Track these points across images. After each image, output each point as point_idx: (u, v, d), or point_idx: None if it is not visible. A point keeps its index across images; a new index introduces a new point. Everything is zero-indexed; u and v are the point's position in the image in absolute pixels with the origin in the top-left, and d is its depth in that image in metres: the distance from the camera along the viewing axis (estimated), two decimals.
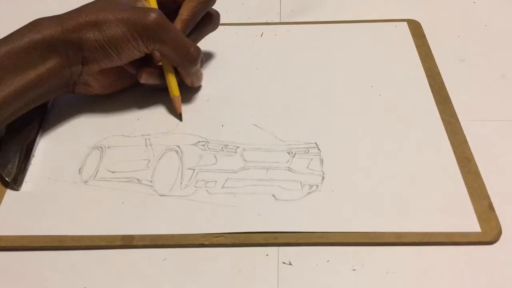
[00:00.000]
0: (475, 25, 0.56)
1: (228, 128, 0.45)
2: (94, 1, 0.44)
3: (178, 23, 0.45)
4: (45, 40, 0.41)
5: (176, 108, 0.46)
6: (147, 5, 0.45)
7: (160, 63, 0.46)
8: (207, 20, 0.48)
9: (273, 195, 0.40)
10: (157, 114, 0.47)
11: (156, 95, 0.48)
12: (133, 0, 0.45)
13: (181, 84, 0.47)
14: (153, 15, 0.42)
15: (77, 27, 0.41)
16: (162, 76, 0.46)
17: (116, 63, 0.44)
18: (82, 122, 0.46)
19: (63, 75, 0.43)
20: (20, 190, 0.41)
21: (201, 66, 0.47)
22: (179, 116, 0.46)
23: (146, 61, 0.46)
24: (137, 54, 0.43)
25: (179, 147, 0.43)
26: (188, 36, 0.46)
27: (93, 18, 0.42)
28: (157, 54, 0.47)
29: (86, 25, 0.42)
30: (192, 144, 0.43)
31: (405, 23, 0.56)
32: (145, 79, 0.46)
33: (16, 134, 0.43)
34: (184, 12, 0.45)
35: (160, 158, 0.42)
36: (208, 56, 0.52)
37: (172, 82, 0.46)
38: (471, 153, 0.42)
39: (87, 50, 0.42)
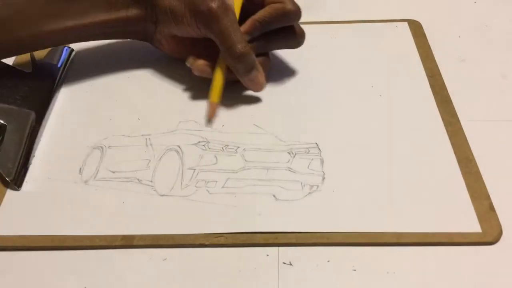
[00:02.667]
0: (475, 25, 0.55)
1: (228, 128, 0.45)
2: None
3: (248, 21, 0.45)
4: None
5: (208, 114, 0.46)
6: None
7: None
8: (288, 35, 0.47)
9: (274, 195, 0.40)
10: (158, 114, 0.46)
11: (156, 95, 0.48)
12: None
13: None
14: (211, 4, 0.43)
15: None
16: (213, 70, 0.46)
17: (179, 33, 0.46)
18: (83, 122, 0.46)
19: (139, 26, 0.47)
20: (21, 190, 0.41)
21: (262, 72, 0.46)
22: (208, 120, 0.45)
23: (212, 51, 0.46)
24: (192, 33, 0.45)
25: (179, 147, 0.43)
26: (257, 39, 0.46)
27: None
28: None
29: None
30: (192, 144, 0.43)
31: (406, 23, 0.56)
32: (198, 71, 0.46)
33: (17, 134, 0.43)
34: (259, 14, 0.45)
35: (160, 158, 0.42)
36: None
37: (216, 86, 0.45)
38: (471, 153, 0.42)
39: (159, 12, 0.45)
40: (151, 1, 0.45)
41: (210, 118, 0.45)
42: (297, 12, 0.46)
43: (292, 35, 0.47)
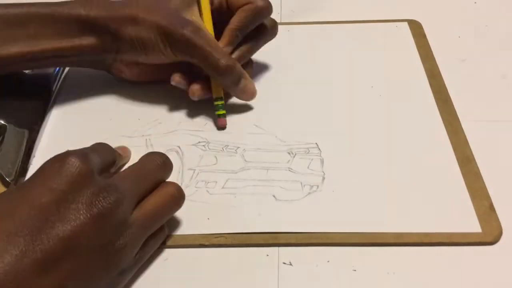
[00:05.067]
0: (475, 25, 0.55)
1: (228, 129, 0.45)
2: None
3: (226, 32, 0.45)
4: (88, 19, 0.43)
5: (218, 125, 0.45)
6: (196, 15, 0.44)
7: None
8: (263, 31, 0.47)
9: (274, 196, 0.40)
10: (158, 114, 0.46)
11: (157, 95, 0.48)
12: (183, 6, 0.44)
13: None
14: (185, 30, 0.42)
15: (120, 17, 0.43)
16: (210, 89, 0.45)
17: (144, 60, 0.45)
18: (83, 122, 0.46)
19: (96, 55, 0.45)
20: None
21: (251, 80, 0.46)
22: (220, 128, 0.45)
23: (192, 69, 0.45)
24: (164, 60, 0.44)
25: (179, 147, 0.43)
26: (240, 45, 0.45)
27: (134, 14, 0.43)
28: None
29: (127, 18, 0.43)
30: (192, 145, 0.43)
31: (406, 23, 0.56)
32: (197, 95, 0.45)
33: (17, 134, 0.43)
34: (234, 22, 0.45)
35: None
36: None
37: (220, 102, 0.45)
38: (471, 153, 0.42)
39: (121, 42, 0.44)
40: (112, 31, 0.43)
41: (219, 129, 0.45)
42: (269, 7, 0.45)
43: (266, 30, 0.47)
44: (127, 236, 0.32)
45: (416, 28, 0.55)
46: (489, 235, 0.37)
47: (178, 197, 0.36)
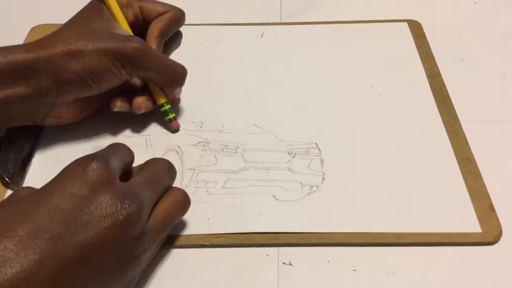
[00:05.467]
0: (475, 25, 0.55)
1: (228, 129, 0.45)
2: (67, 27, 0.43)
3: (151, 42, 0.45)
4: (10, 64, 0.38)
5: (172, 129, 0.45)
6: (122, 29, 0.44)
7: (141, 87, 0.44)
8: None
9: (274, 196, 0.40)
10: (158, 114, 0.46)
11: None
12: (108, 25, 0.43)
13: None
14: (134, 44, 0.40)
15: (53, 56, 0.39)
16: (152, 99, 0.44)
17: (94, 93, 0.41)
18: (83, 122, 0.46)
19: (30, 104, 0.40)
20: None
21: None
22: (174, 131, 0.45)
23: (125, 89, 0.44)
24: (117, 83, 0.42)
25: (179, 147, 0.43)
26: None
27: (72, 48, 0.39)
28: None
29: (64, 55, 0.39)
30: (192, 145, 0.43)
31: (406, 23, 0.56)
32: (144, 109, 0.43)
33: (17, 135, 0.43)
34: (155, 30, 0.46)
35: None
36: (209, 56, 0.52)
37: (156, 92, 0.44)
38: (471, 153, 0.42)
39: (64, 81, 0.39)
40: (46, 74, 0.39)
41: (171, 131, 0.45)
42: (183, 14, 0.49)
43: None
44: (144, 243, 0.32)
45: (416, 28, 0.55)
46: (489, 235, 0.37)
47: (185, 203, 0.36)
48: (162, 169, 0.36)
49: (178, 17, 0.48)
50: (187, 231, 0.37)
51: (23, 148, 0.42)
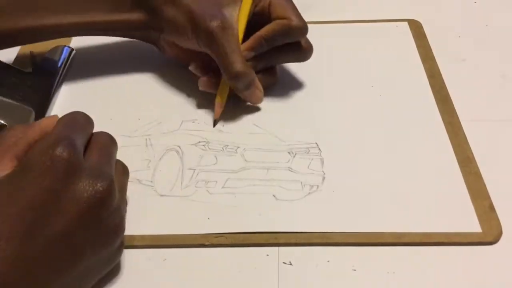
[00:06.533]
0: (476, 25, 0.55)
1: (228, 128, 0.45)
2: None
3: (252, 37, 0.44)
4: None
5: (215, 113, 0.45)
6: (236, 12, 0.44)
7: None
8: (295, 49, 0.46)
9: (274, 195, 0.40)
10: (158, 114, 0.46)
11: (156, 96, 0.48)
12: (231, 1, 0.44)
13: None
14: (210, 23, 0.42)
15: None
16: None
17: (180, 44, 0.46)
18: None
19: (142, 31, 0.47)
20: None
21: (260, 89, 0.46)
22: (213, 122, 0.45)
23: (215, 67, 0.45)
24: (193, 47, 0.45)
25: (179, 147, 0.43)
26: (266, 54, 0.45)
27: None
28: None
29: (166, 1, 0.44)
30: (192, 144, 0.43)
31: (406, 23, 0.56)
32: (202, 86, 0.46)
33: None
34: (264, 30, 0.44)
35: (160, 158, 0.42)
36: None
37: (222, 87, 0.45)
38: (471, 153, 0.42)
39: (163, 21, 0.45)
40: (156, 9, 0.45)
41: (215, 118, 0.45)
42: (303, 29, 0.44)
43: (298, 50, 0.46)
44: (120, 211, 0.33)
45: (416, 28, 0.55)
46: (489, 235, 0.37)
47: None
48: (108, 140, 0.36)
49: (296, 27, 0.44)
50: (187, 231, 0.37)
51: None
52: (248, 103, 0.47)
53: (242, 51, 0.44)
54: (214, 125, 0.45)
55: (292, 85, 0.49)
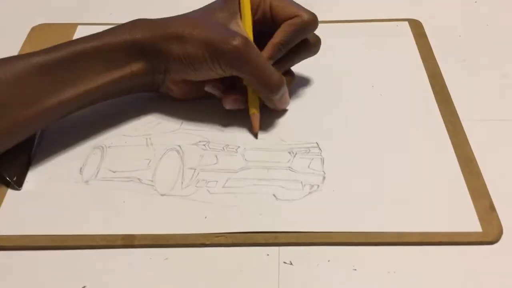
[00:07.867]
0: (476, 24, 0.55)
1: (229, 128, 0.45)
2: (191, 12, 0.44)
3: (269, 46, 0.43)
4: (134, 43, 0.42)
5: (253, 126, 0.44)
6: (241, 26, 0.43)
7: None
8: (306, 46, 0.45)
9: (274, 195, 0.40)
10: (158, 114, 0.47)
11: (157, 96, 0.48)
12: (228, 18, 0.43)
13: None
14: (234, 43, 0.40)
15: (165, 36, 0.42)
16: (246, 101, 0.44)
17: (195, 79, 0.43)
18: (83, 122, 0.46)
19: (146, 79, 0.44)
20: (21, 190, 0.41)
21: (289, 90, 0.45)
22: (255, 135, 0.44)
23: (231, 82, 0.45)
24: (214, 75, 0.42)
25: (180, 146, 0.43)
26: (282, 59, 0.44)
27: (179, 31, 0.41)
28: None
29: (172, 37, 0.41)
30: (193, 144, 0.43)
31: (406, 22, 0.56)
32: (230, 105, 0.44)
33: None
34: (278, 36, 0.43)
35: (161, 158, 0.42)
36: None
37: (252, 98, 0.44)
38: (472, 153, 0.42)
39: (169, 61, 0.42)
40: (159, 52, 0.42)
41: (255, 130, 0.44)
42: (314, 21, 0.44)
43: (308, 45, 0.45)
44: None
45: (417, 28, 0.55)
46: (490, 235, 0.37)
47: None
48: None
49: (309, 23, 0.44)
50: (187, 230, 0.38)
51: (24, 148, 0.42)
52: (272, 110, 0.45)
53: None
54: (256, 137, 0.44)
55: (292, 84, 0.49)
